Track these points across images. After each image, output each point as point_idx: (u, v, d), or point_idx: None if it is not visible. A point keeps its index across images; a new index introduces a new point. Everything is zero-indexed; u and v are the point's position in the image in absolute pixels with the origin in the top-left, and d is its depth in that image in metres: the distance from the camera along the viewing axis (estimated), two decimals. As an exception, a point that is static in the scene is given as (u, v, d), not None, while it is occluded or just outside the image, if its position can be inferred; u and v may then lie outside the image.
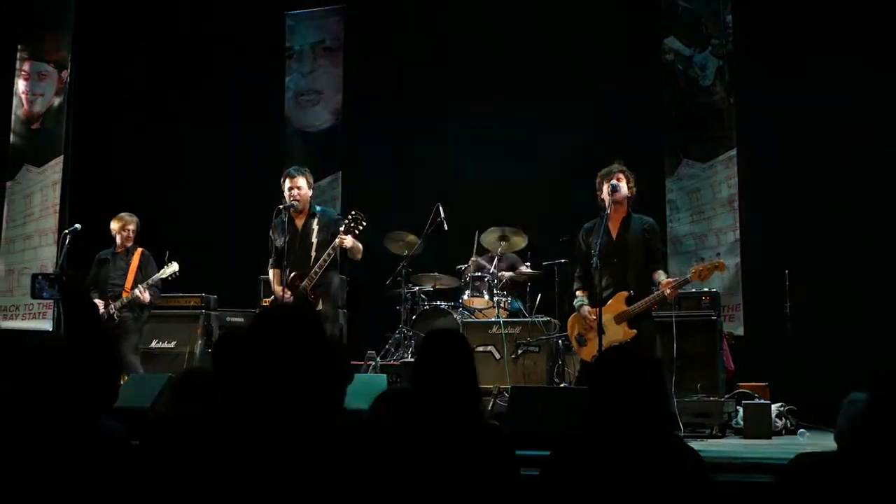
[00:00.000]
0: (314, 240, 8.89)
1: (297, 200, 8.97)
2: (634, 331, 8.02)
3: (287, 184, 9.03)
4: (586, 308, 8.20)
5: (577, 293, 8.43)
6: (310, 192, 9.10)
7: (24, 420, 3.46)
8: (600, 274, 8.04)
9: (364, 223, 8.76)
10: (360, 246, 8.86)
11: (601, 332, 7.86)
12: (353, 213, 8.79)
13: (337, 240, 8.62)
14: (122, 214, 10.44)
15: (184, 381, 3.96)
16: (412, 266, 11.38)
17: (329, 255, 8.68)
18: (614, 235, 8.26)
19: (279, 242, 9.00)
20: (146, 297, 10.07)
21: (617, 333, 8.01)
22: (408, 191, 12.67)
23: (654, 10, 11.94)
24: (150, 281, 10.08)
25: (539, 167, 12.35)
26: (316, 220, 9.00)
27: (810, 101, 11.16)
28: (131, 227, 10.38)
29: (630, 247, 8.22)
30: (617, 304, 8.11)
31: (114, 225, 10.36)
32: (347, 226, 8.72)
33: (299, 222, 9.04)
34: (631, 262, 8.20)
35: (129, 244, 10.35)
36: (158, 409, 7.30)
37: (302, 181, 9.02)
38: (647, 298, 8.06)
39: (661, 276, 8.15)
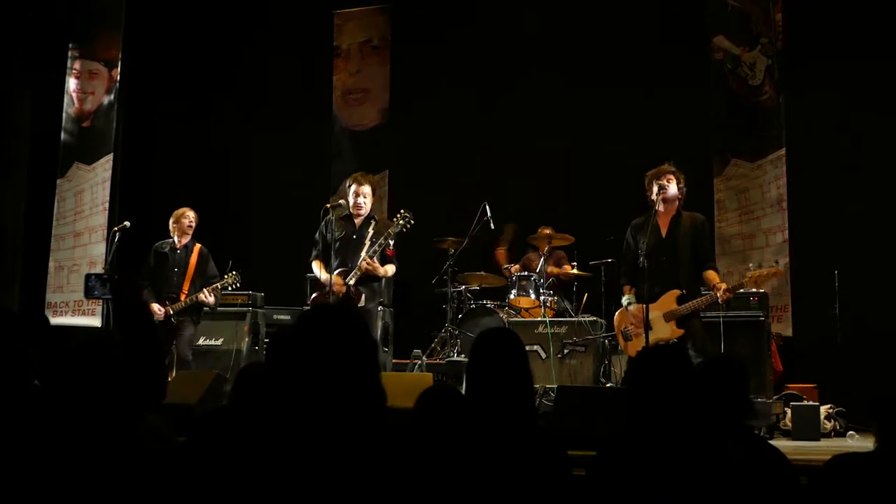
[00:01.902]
0: (367, 242, 9.03)
1: (361, 208, 9.17)
2: (682, 330, 8.01)
3: (353, 187, 9.22)
4: (634, 307, 8.20)
5: (625, 290, 8.43)
6: (372, 199, 9.28)
7: (71, 414, 3.49)
8: (649, 272, 8.03)
9: (411, 222, 8.90)
10: (387, 270, 9.09)
11: (648, 329, 7.86)
12: (401, 212, 9.02)
13: (363, 262, 8.85)
14: (182, 209, 10.35)
15: (245, 377, 3.98)
16: (458, 265, 11.39)
17: (364, 266, 8.87)
18: (664, 234, 8.27)
19: (330, 237, 9.11)
20: (211, 299, 10.06)
21: (665, 331, 7.99)
22: (454, 189, 12.67)
23: (702, 8, 11.87)
24: (217, 286, 10.04)
25: (587, 166, 12.32)
26: (373, 225, 9.14)
27: (860, 100, 11.09)
28: (190, 219, 10.32)
29: (680, 245, 8.22)
30: (667, 301, 8.08)
31: (173, 218, 10.32)
32: (395, 224, 8.85)
33: (357, 221, 9.22)
34: (681, 261, 8.19)
35: (187, 239, 10.30)
36: (205, 405, 7.36)
37: (368, 189, 9.25)
38: (698, 299, 8.04)
39: (713, 276, 8.13)
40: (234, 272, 10.13)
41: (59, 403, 3.57)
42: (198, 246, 10.26)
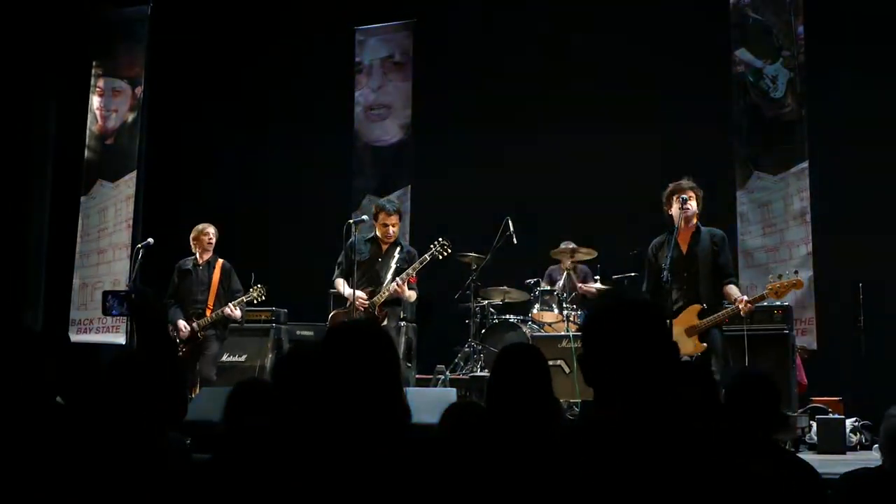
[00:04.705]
0: (392, 265, 9.30)
1: (391, 237, 9.42)
2: (705, 345, 8.03)
3: (381, 217, 9.40)
4: None
5: None
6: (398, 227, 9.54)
7: (93, 432, 3.47)
8: (671, 288, 8.03)
9: (448, 251, 9.25)
10: (411, 294, 9.43)
11: None
12: (439, 239, 9.25)
13: (394, 285, 9.09)
14: (201, 225, 10.37)
15: (241, 392, 3.95)
16: (481, 280, 11.36)
17: (402, 279, 9.12)
18: (684, 250, 8.29)
19: (354, 256, 9.22)
20: (237, 313, 10.07)
21: (687, 346, 7.98)
22: (477, 204, 12.65)
23: (724, 21, 11.81)
24: (242, 300, 10.04)
25: (609, 180, 12.25)
26: (398, 250, 9.43)
27: (883, 112, 11.02)
28: (210, 236, 10.30)
29: (700, 260, 8.25)
30: (688, 317, 8.09)
31: (193, 235, 10.34)
32: (433, 252, 9.19)
33: (384, 246, 9.45)
34: (701, 276, 8.22)
35: (209, 255, 10.29)
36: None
37: (396, 219, 9.47)
38: (720, 313, 8.06)
39: (733, 290, 8.15)
40: (258, 286, 10.12)
41: (81, 421, 3.56)
42: (220, 261, 10.27)
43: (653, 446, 2.62)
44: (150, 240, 10.63)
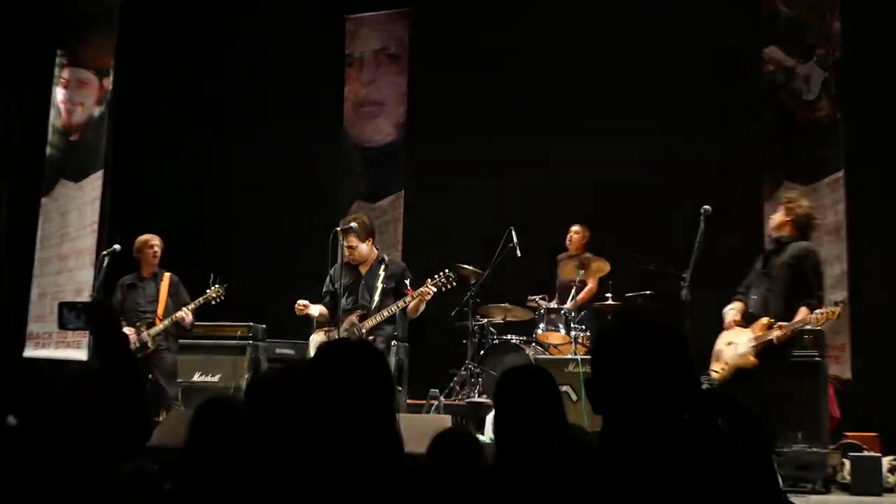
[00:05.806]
0: (379, 285, 9.33)
1: (355, 259, 9.49)
2: (758, 360, 8.43)
3: (340, 240, 9.42)
4: (732, 313, 8.65)
5: (733, 301, 8.90)
6: (365, 246, 9.51)
7: (48, 457, 3.43)
8: (754, 292, 8.68)
9: (454, 283, 9.28)
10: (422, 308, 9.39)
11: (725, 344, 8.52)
12: (445, 271, 9.21)
13: (424, 288, 9.10)
14: (145, 236, 10.46)
15: (206, 412, 3.88)
16: (480, 296, 11.30)
17: (399, 306, 9.18)
18: (768, 258, 8.77)
19: (337, 285, 9.32)
20: (189, 319, 10.11)
21: (745, 357, 8.49)
22: (477, 212, 12.58)
23: (754, 17, 11.76)
24: (194, 304, 10.09)
25: (625, 187, 12.13)
26: (383, 267, 9.44)
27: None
28: (155, 248, 10.37)
29: (775, 272, 8.64)
30: (757, 328, 8.52)
31: (136, 247, 10.38)
32: (437, 283, 9.15)
33: (363, 269, 9.52)
34: (775, 289, 8.61)
35: (155, 269, 10.36)
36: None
37: (355, 239, 9.43)
38: (763, 336, 8.42)
39: (798, 314, 8.44)
40: (217, 286, 10.12)
41: (36, 444, 3.51)
42: (167, 274, 10.44)
43: (660, 478, 2.57)
44: (117, 246, 10.60)
